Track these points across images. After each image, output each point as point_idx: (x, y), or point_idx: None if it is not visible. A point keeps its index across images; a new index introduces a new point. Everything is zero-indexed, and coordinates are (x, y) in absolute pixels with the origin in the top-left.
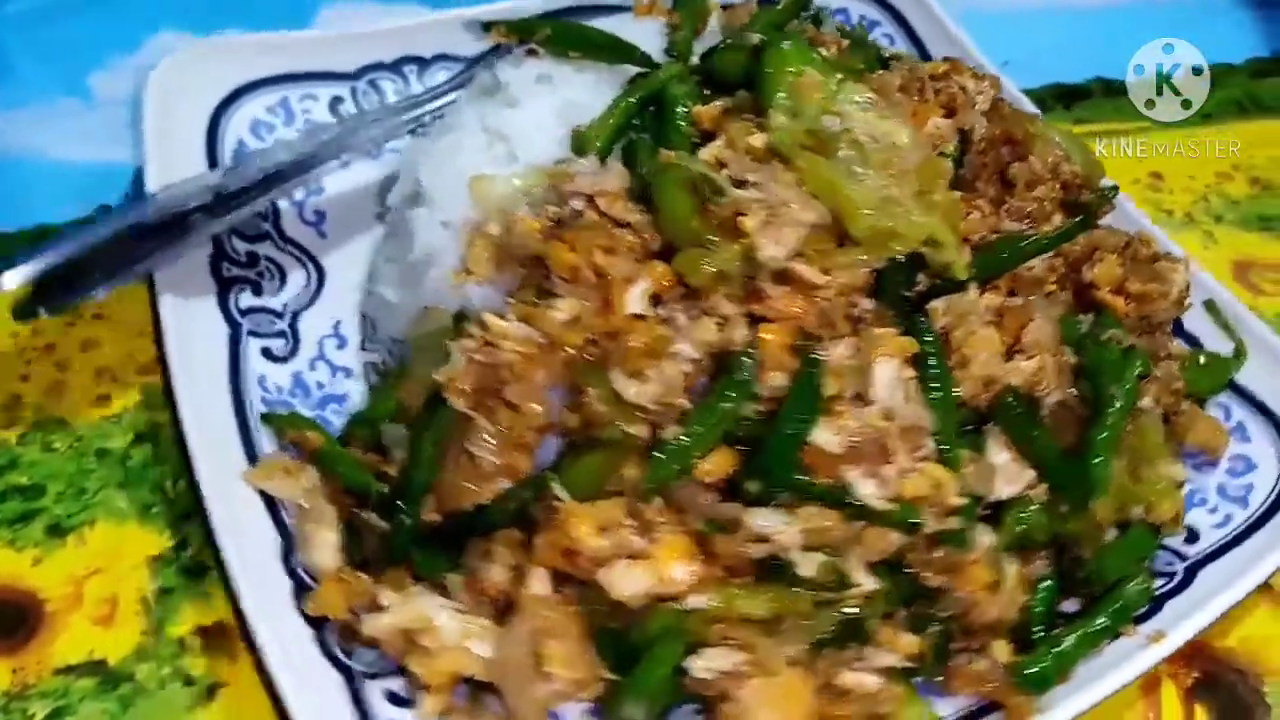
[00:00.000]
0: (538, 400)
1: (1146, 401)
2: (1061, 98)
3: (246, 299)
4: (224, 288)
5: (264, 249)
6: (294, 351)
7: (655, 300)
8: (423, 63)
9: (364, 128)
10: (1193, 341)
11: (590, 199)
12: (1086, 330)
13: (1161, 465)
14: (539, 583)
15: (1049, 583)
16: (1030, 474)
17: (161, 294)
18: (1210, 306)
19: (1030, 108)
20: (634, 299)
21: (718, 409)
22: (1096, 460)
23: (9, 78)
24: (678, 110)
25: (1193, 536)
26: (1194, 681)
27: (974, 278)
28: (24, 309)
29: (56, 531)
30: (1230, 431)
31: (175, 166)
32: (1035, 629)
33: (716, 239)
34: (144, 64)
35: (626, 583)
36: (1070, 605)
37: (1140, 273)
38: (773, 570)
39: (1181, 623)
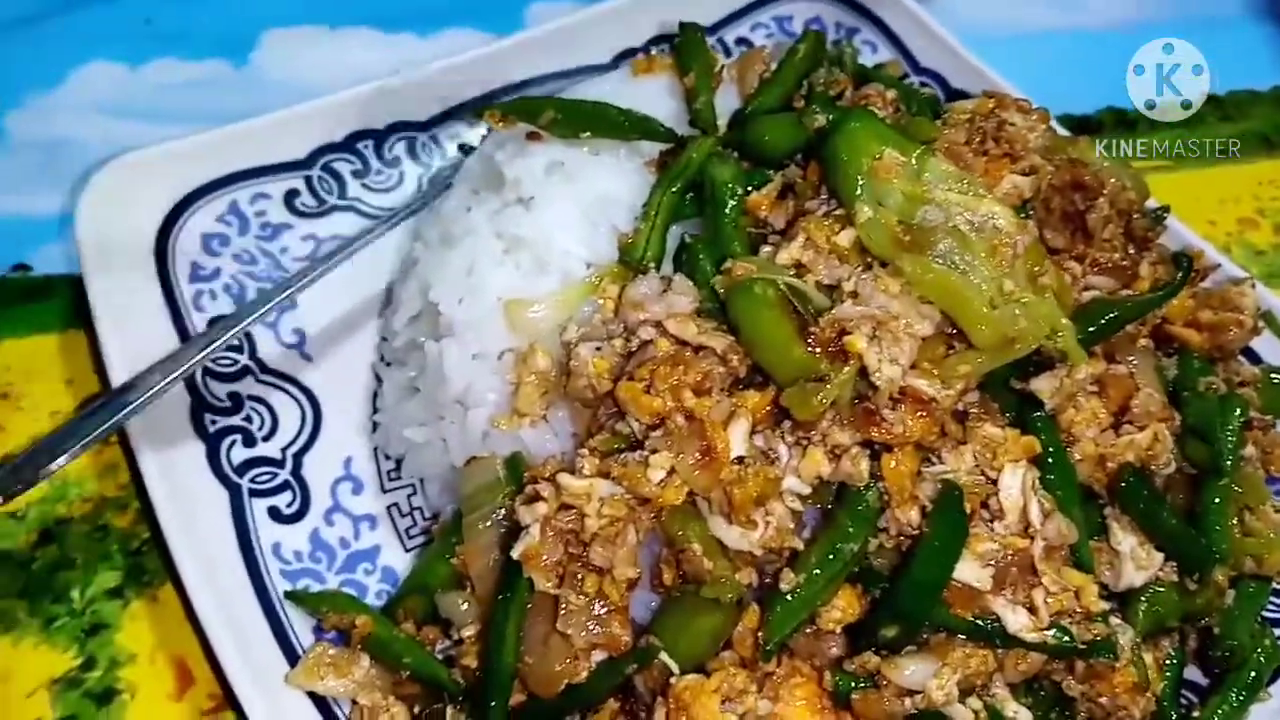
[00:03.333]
0: (630, 562)
1: (1248, 449)
2: (1071, 130)
3: (239, 453)
4: (211, 445)
5: (245, 386)
6: (305, 506)
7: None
8: (378, 136)
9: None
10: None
11: (660, 324)
12: (1176, 375)
13: (1269, 512)
14: None
15: (1174, 660)
16: (1159, 557)
17: (146, 466)
18: (1269, 318)
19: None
20: (737, 443)
21: (841, 551)
22: (1217, 528)
23: None
24: (729, 202)
25: None
26: None
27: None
28: None
29: None
30: None
31: (126, 311)
32: (1169, 713)
33: (824, 366)
34: (68, 101)
35: None
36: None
37: (1210, 301)
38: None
39: None
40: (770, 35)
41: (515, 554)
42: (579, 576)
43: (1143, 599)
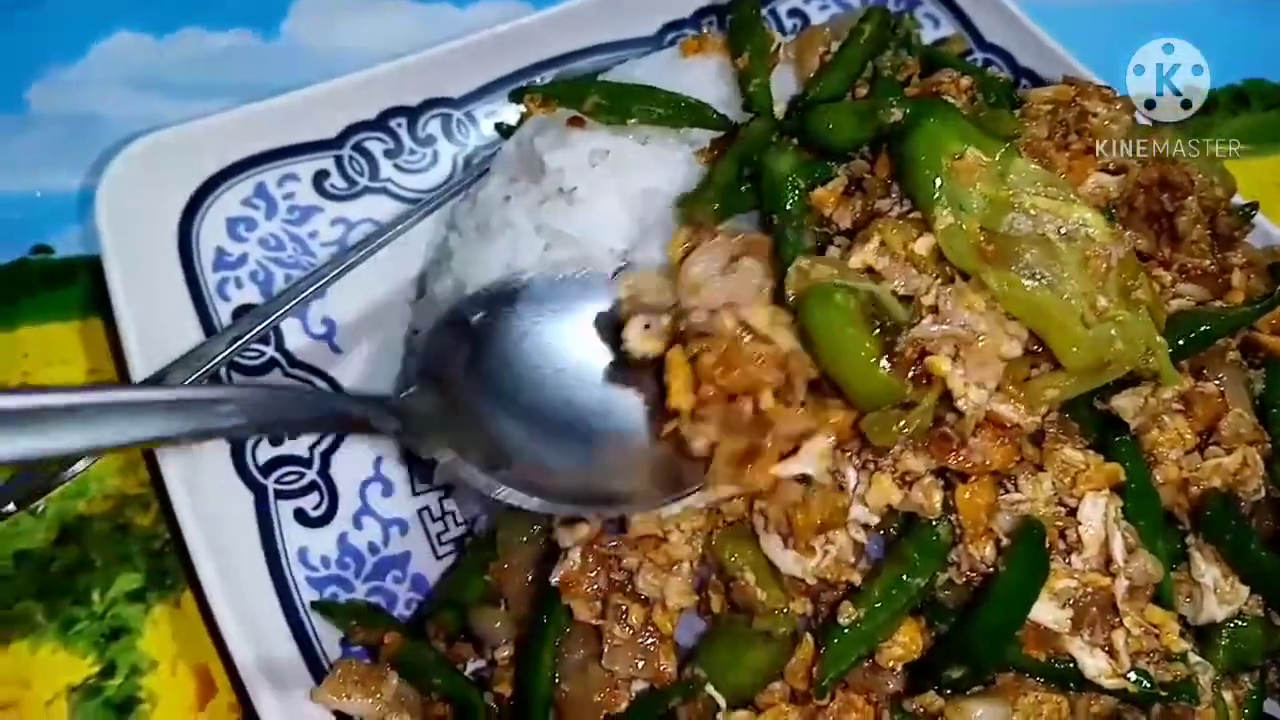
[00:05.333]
0: (683, 591)
1: None
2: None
3: (265, 451)
4: (237, 443)
5: (273, 380)
6: (333, 508)
7: None
8: (411, 113)
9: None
10: None
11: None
12: (1264, 390)
13: None
14: None
15: (1255, 697)
16: (1244, 590)
17: (167, 466)
18: None
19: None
20: (808, 463)
21: (907, 585)
22: None
23: None
24: (790, 196)
25: None
26: None
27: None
28: None
29: None
30: None
31: (148, 302)
32: None
33: (910, 392)
34: (93, 74)
35: None
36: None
37: None
38: None
39: None
40: (825, 7)
41: (553, 580)
42: (623, 608)
43: (1224, 634)
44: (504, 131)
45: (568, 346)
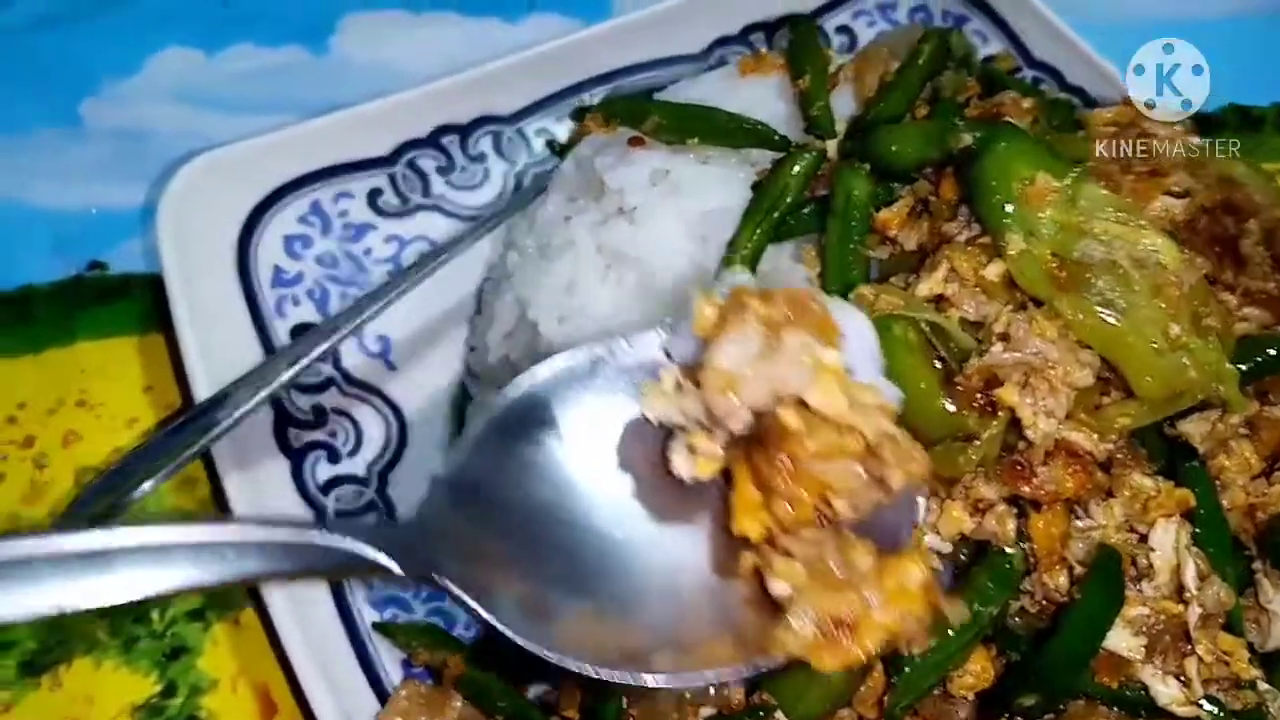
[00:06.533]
0: None
1: None
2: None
3: (324, 470)
4: (296, 461)
5: (329, 398)
6: None
7: None
8: (463, 131)
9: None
10: None
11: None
12: None
13: None
14: None
15: None
16: None
17: (230, 487)
18: None
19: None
20: None
21: (980, 614)
22: None
23: None
24: (857, 220)
25: None
26: None
27: None
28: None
29: (30, 670)
30: None
31: (209, 321)
32: None
33: (972, 423)
34: (145, 88)
35: None
36: None
37: None
38: None
39: None
40: (873, 24)
41: None
42: None
43: None
44: (555, 148)
45: (607, 459)
